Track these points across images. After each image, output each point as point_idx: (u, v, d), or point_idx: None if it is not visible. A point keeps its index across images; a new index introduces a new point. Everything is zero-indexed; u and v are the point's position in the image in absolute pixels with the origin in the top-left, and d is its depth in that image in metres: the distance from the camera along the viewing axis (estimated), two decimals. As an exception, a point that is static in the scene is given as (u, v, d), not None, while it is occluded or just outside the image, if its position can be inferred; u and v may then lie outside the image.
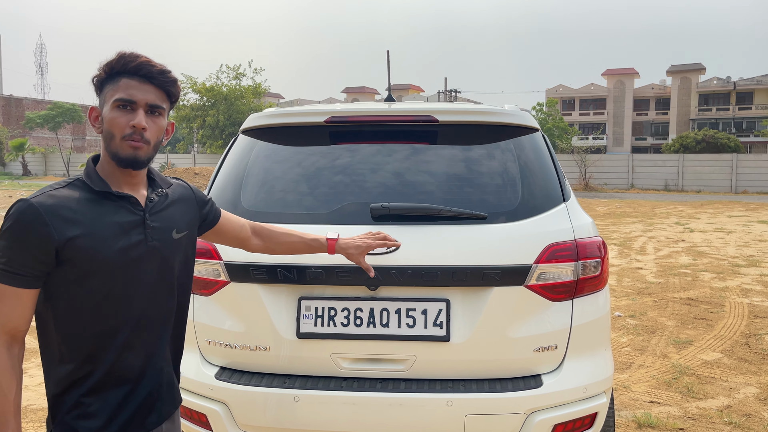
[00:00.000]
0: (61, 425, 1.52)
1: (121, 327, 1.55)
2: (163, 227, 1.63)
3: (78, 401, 1.52)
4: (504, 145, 2.49)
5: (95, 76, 1.56)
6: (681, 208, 20.93)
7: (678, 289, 7.77)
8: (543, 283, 2.24)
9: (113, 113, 1.51)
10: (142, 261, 1.56)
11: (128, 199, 1.56)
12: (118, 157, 1.53)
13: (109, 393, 1.55)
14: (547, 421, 2.19)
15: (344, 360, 2.26)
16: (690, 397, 4.26)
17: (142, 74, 1.53)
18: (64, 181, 1.56)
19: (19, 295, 1.44)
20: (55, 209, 1.45)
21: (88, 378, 1.53)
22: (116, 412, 1.55)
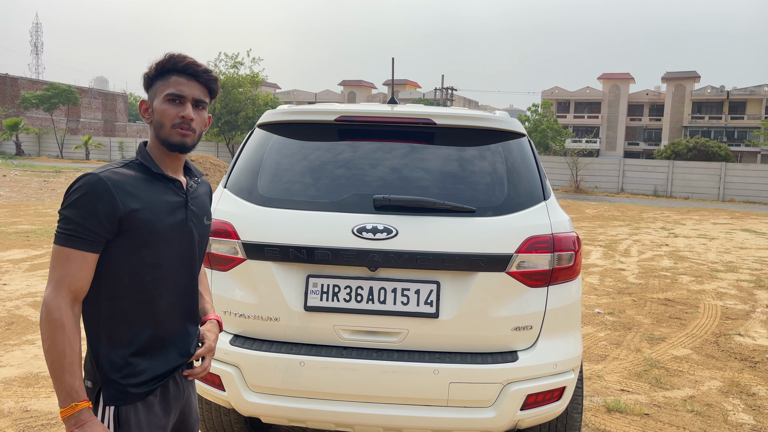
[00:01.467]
0: (110, 383, 1.67)
1: (164, 293, 1.74)
2: (199, 212, 1.85)
3: (127, 361, 1.68)
4: (493, 148, 2.79)
5: (146, 74, 1.76)
6: (668, 213, 21.35)
7: (657, 290, 8.12)
8: (522, 271, 2.55)
9: (164, 105, 1.72)
10: (182, 237, 1.78)
11: (175, 182, 1.78)
12: (168, 142, 1.73)
13: (153, 353, 1.72)
14: (520, 391, 2.51)
15: (345, 331, 2.56)
16: (658, 387, 4.60)
17: (190, 72, 1.74)
18: (122, 161, 1.75)
19: (85, 257, 1.60)
20: (120, 184, 1.64)
21: (136, 339, 1.69)
22: (159, 370, 1.73)
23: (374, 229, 2.51)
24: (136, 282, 1.69)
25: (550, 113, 44.99)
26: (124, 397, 1.67)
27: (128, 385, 1.67)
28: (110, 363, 1.67)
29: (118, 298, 1.68)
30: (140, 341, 1.70)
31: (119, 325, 1.68)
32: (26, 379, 4.29)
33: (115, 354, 1.68)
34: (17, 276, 7.43)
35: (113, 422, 1.67)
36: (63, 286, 1.58)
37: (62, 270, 1.59)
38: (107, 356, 1.67)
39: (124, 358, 1.68)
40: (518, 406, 2.52)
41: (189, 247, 1.81)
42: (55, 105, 46.11)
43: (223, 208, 2.71)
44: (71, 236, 1.59)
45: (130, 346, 1.69)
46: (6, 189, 19.08)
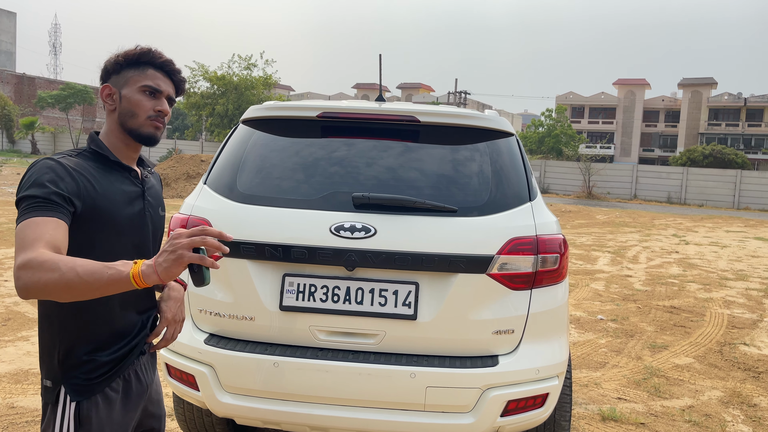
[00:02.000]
0: (71, 379, 1.64)
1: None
2: (154, 203, 1.85)
3: (85, 358, 1.65)
4: (479, 147, 2.72)
5: (113, 60, 1.73)
6: (680, 220, 21.09)
7: (663, 298, 7.99)
8: (504, 273, 2.47)
9: (139, 96, 1.71)
10: (139, 228, 1.77)
11: (130, 172, 1.77)
12: (139, 133, 1.72)
13: (112, 347, 1.70)
14: (500, 397, 2.43)
15: (321, 332, 2.50)
16: (656, 396, 4.49)
17: (166, 70, 1.77)
18: (72, 151, 1.70)
19: (57, 222, 1.49)
20: (79, 170, 1.61)
21: (93, 335, 1.66)
22: (120, 361, 1.71)
23: (352, 228, 2.45)
24: None
25: (564, 118, 44.74)
26: (86, 389, 1.65)
27: (90, 378, 1.65)
28: (70, 359, 1.65)
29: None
30: (98, 337, 1.68)
31: (75, 321, 1.65)
32: (16, 375, 4.28)
33: (75, 351, 1.65)
34: (19, 272, 7.45)
35: (74, 421, 1.64)
36: (37, 244, 1.41)
37: (33, 233, 1.43)
38: (66, 353, 1.65)
39: (83, 355, 1.65)
40: (498, 412, 2.45)
41: (144, 238, 1.80)
42: (71, 105, 46.59)
43: (201, 205, 2.66)
44: (38, 206, 1.49)
45: (89, 342, 1.66)
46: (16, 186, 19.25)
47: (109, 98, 1.74)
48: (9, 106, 44.63)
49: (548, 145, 42.23)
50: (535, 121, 45.66)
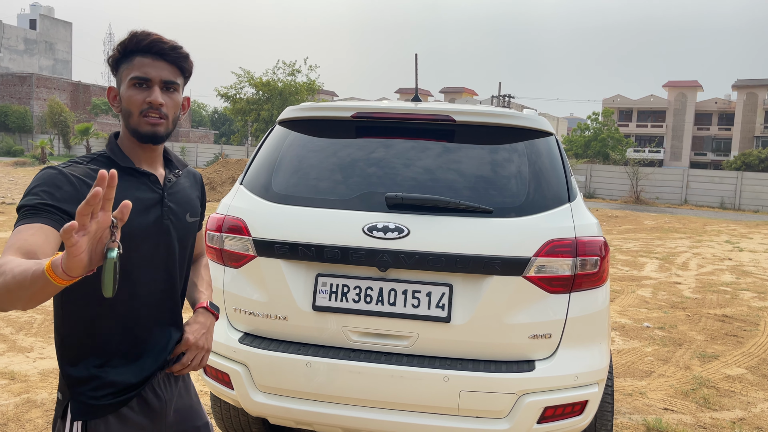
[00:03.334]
0: (77, 396, 1.55)
1: (134, 300, 1.57)
2: (179, 209, 1.67)
3: (93, 374, 1.54)
4: (516, 147, 2.66)
5: (110, 57, 1.59)
6: (734, 226, 20.31)
7: (714, 306, 7.68)
8: (541, 276, 2.41)
9: (130, 91, 1.54)
10: (155, 237, 1.60)
11: (149, 177, 1.60)
12: (138, 133, 1.56)
13: (124, 364, 1.58)
14: (537, 403, 2.36)
15: (354, 333, 2.48)
16: (705, 408, 4.31)
17: (155, 51, 1.55)
18: (88, 156, 1.59)
19: (40, 227, 1.37)
20: (82, 178, 1.48)
21: (102, 350, 1.56)
22: (131, 380, 1.59)
23: (385, 228, 2.43)
24: (97, 289, 1.38)
25: (611, 122, 43.72)
26: (92, 410, 1.54)
27: (97, 397, 1.54)
28: (76, 375, 1.55)
29: (80, 307, 1.54)
30: (107, 352, 1.57)
31: (83, 336, 1.55)
32: (63, 371, 4.40)
33: (81, 366, 1.55)
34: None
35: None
36: (6, 252, 1.31)
37: (9, 242, 1.35)
38: (73, 368, 1.56)
39: (90, 370, 1.55)
40: (535, 418, 2.38)
41: (165, 248, 1.64)
42: (123, 111, 48.04)
43: (236, 205, 2.69)
44: (26, 215, 1.39)
45: (97, 357, 1.56)
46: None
47: (115, 101, 1.62)
48: (65, 113, 46.40)
49: (594, 149, 41.33)
50: (581, 124, 44.80)
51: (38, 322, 5.51)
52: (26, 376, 4.24)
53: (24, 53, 59.35)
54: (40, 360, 4.59)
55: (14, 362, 4.51)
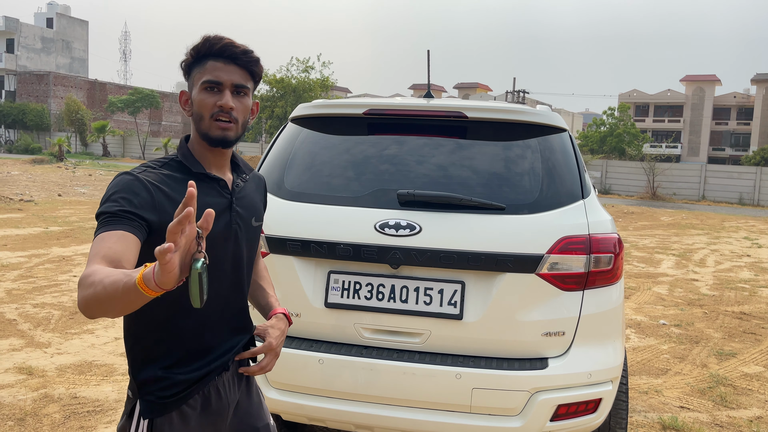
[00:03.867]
0: (146, 395, 1.57)
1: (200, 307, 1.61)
2: (245, 213, 1.67)
3: (161, 375, 1.56)
4: (529, 143, 2.64)
5: (183, 61, 1.60)
6: (753, 222, 20.04)
7: (732, 303, 7.59)
8: (554, 273, 2.39)
9: (201, 95, 1.55)
10: (224, 242, 1.60)
11: (218, 182, 1.60)
12: (208, 137, 1.56)
13: (191, 365, 1.59)
14: (550, 401, 2.35)
15: (366, 330, 2.49)
16: (722, 406, 4.26)
17: (227, 56, 1.55)
18: (161, 160, 1.59)
19: (123, 235, 1.39)
20: (157, 184, 1.49)
21: (170, 353, 1.57)
22: (197, 383, 1.60)
23: (397, 225, 2.42)
24: (170, 294, 1.42)
25: (627, 117, 43.28)
26: (159, 409, 1.57)
27: (164, 396, 1.57)
28: (146, 376, 1.58)
29: (151, 311, 1.52)
30: (177, 354, 1.59)
31: (154, 338, 1.58)
32: (80, 366, 4.46)
33: (151, 367, 1.58)
34: (87, 269, 7.79)
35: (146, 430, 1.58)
36: (93, 261, 1.34)
37: (94, 249, 1.37)
38: (143, 369, 1.58)
39: (159, 372, 1.57)
40: (548, 416, 2.36)
41: (232, 253, 1.64)
42: (139, 109, 48.58)
43: (249, 202, 2.69)
44: (107, 221, 1.42)
45: (165, 359, 1.58)
46: (90, 187, 20.20)
47: (186, 105, 1.62)
48: (82, 111, 46.91)
49: (610, 144, 40.95)
50: (596, 120, 44.41)
51: (56, 318, 5.58)
52: (44, 372, 4.30)
53: (41, 52, 60.01)
54: (57, 355, 4.65)
55: (32, 357, 4.57)
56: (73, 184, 20.92)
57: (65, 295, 6.44)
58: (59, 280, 7.06)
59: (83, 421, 3.59)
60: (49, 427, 3.50)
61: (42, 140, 48.68)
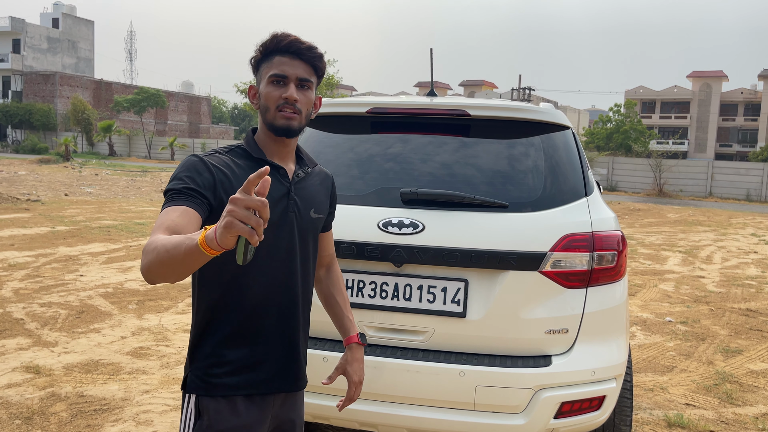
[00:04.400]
0: (195, 371, 1.64)
1: (253, 286, 1.64)
2: (304, 204, 1.73)
3: (212, 351, 1.63)
4: (532, 141, 2.64)
5: (252, 58, 1.69)
6: (760, 219, 19.95)
7: (738, 300, 7.56)
8: (557, 270, 2.39)
9: (268, 88, 1.65)
10: (279, 228, 1.66)
11: (278, 170, 1.68)
12: (273, 126, 1.65)
13: (241, 348, 1.64)
14: (553, 398, 2.35)
15: (369, 328, 2.49)
16: (728, 403, 4.25)
17: (293, 51, 1.64)
18: (227, 147, 1.70)
19: (185, 209, 1.49)
20: (219, 166, 1.60)
21: (221, 329, 1.63)
22: (246, 367, 1.65)
23: (400, 224, 2.43)
24: (225, 272, 1.62)
25: (634, 113, 43.16)
26: (206, 387, 1.63)
27: (212, 375, 1.63)
28: (199, 350, 1.65)
29: (208, 287, 1.65)
30: (226, 331, 1.64)
31: (208, 315, 1.65)
32: (87, 365, 4.49)
33: (204, 342, 1.65)
34: (94, 268, 7.84)
35: (194, 410, 1.64)
36: (156, 231, 1.44)
37: (158, 222, 1.47)
38: (197, 343, 1.66)
39: (210, 347, 1.64)
40: (552, 413, 2.37)
41: (287, 240, 1.69)
42: (144, 108, 48.73)
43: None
44: (172, 197, 1.52)
45: (216, 335, 1.64)
46: (96, 187, 20.28)
47: (255, 98, 1.71)
48: (88, 110, 47.10)
49: (617, 141, 40.83)
50: (602, 116, 44.28)
51: (63, 317, 5.62)
52: (51, 371, 4.33)
53: (47, 52, 60.26)
54: (64, 354, 4.68)
55: (39, 357, 4.60)
56: (80, 184, 21.02)
57: (72, 294, 6.48)
58: (66, 280, 7.10)
59: (90, 420, 3.61)
60: (56, 425, 3.52)
61: (48, 140, 48.93)
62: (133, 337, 5.20)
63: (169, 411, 3.78)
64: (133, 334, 5.26)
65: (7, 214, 12.24)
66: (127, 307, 6.10)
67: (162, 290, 6.86)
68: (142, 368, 4.48)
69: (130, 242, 9.88)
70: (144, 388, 4.12)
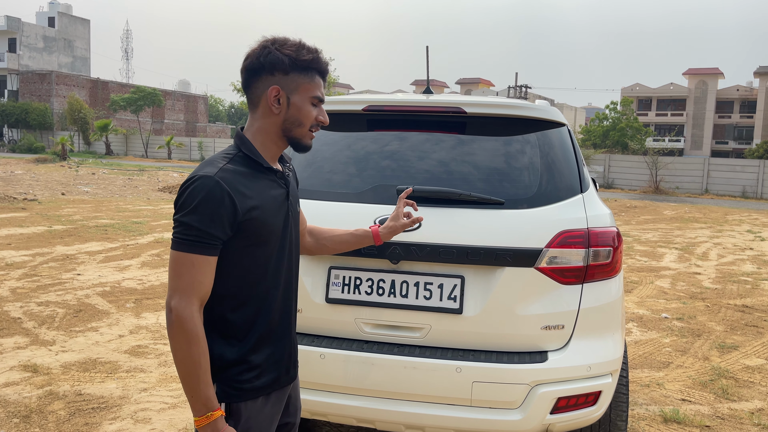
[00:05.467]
0: (225, 381, 1.64)
1: (272, 290, 1.70)
2: (294, 201, 1.80)
3: (241, 358, 1.65)
4: (528, 138, 2.65)
5: (285, 58, 1.63)
6: (756, 216, 20.01)
7: (734, 296, 7.60)
8: (553, 267, 2.40)
9: (308, 107, 1.67)
10: (285, 229, 1.72)
11: (276, 173, 1.71)
12: (300, 144, 1.71)
13: (266, 349, 1.69)
14: (550, 394, 2.36)
15: (366, 325, 2.51)
16: (724, 399, 4.28)
17: (323, 72, 1.71)
18: (226, 155, 1.65)
19: (209, 262, 1.55)
20: (235, 184, 1.57)
21: (250, 336, 1.66)
22: (271, 366, 1.71)
23: (396, 221, 2.43)
24: (249, 280, 1.66)
25: (630, 111, 43.19)
26: (238, 393, 1.65)
27: (243, 381, 1.65)
28: (224, 360, 1.64)
29: (232, 297, 1.65)
30: (254, 338, 1.67)
31: (233, 323, 1.66)
32: (84, 364, 4.49)
33: (230, 351, 1.65)
34: (91, 267, 7.84)
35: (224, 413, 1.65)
36: (192, 294, 1.53)
37: (189, 277, 1.53)
38: (221, 353, 1.64)
39: (239, 355, 1.65)
40: (548, 409, 2.38)
41: (292, 240, 1.77)
42: (141, 107, 48.60)
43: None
44: (195, 242, 1.54)
45: (244, 342, 1.66)
46: (93, 186, 20.25)
47: (276, 101, 1.66)
48: (85, 110, 46.96)
49: (613, 138, 40.89)
50: (599, 114, 44.33)
51: (60, 316, 5.62)
52: (48, 369, 4.33)
53: (43, 51, 60.07)
54: (62, 353, 4.69)
55: (37, 355, 4.61)
56: (77, 183, 20.98)
57: (69, 293, 6.48)
58: (63, 279, 7.10)
59: (88, 418, 3.62)
60: (54, 424, 3.53)
61: (45, 139, 48.81)
62: (130, 335, 5.21)
63: (167, 409, 3.79)
64: (131, 333, 5.27)
65: (4, 214, 12.22)
66: (125, 306, 6.10)
67: (160, 288, 6.87)
68: (140, 366, 4.49)
69: (127, 241, 9.88)
70: (142, 386, 4.13)
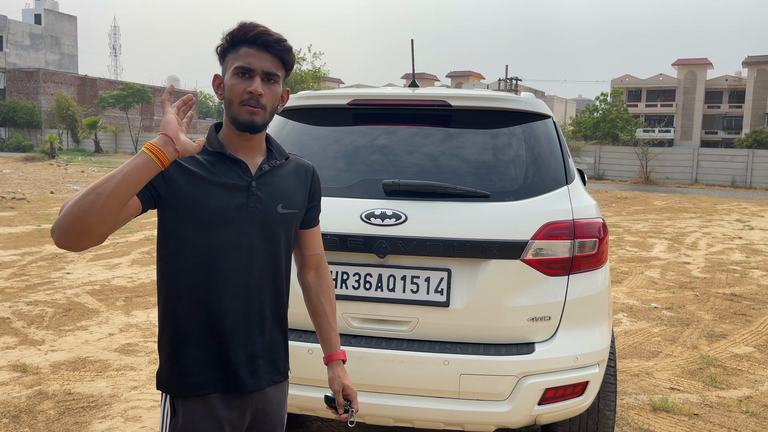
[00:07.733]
0: (164, 368, 1.63)
1: (212, 283, 1.60)
2: (269, 198, 1.65)
3: (171, 352, 1.60)
4: (513, 130, 2.66)
5: (219, 46, 1.63)
6: (745, 205, 20.15)
7: (723, 285, 7.66)
8: (539, 258, 2.41)
9: (233, 80, 1.59)
10: (237, 224, 1.60)
11: (239, 164, 1.62)
12: (236, 121, 1.60)
13: (203, 347, 1.60)
14: (537, 385, 2.38)
15: (354, 319, 2.51)
16: (712, 387, 4.31)
17: (260, 43, 1.58)
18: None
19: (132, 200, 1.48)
20: (185, 161, 1.58)
21: (178, 330, 1.60)
22: (210, 368, 1.60)
23: (383, 215, 2.44)
24: (186, 263, 1.59)
25: (620, 102, 43.30)
26: (176, 387, 1.61)
27: (177, 374, 1.60)
28: (163, 345, 1.63)
29: (173, 279, 1.61)
30: (185, 334, 1.61)
31: (167, 315, 1.63)
32: (74, 363, 4.47)
33: (166, 335, 1.62)
34: (80, 265, 7.79)
35: (170, 408, 1.63)
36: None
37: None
38: (161, 336, 1.64)
39: (169, 348, 1.62)
40: (535, 400, 2.40)
41: (257, 238, 1.64)
42: (130, 104, 48.30)
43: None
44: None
45: (177, 335, 1.61)
46: (82, 184, 20.11)
47: (219, 89, 1.66)
48: (73, 107, 46.61)
49: (603, 130, 41.01)
50: (589, 106, 44.42)
51: (49, 315, 5.59)
52: (38, 369, 4.31)
53: (30, 48, 59.50)
54: (51, 352, 4.66)
55: (26, 355, 4.58)
56: (66, 181, 20.84)
57: (58, 292, 6.44)
58: (52, 278, 7.06)
59: (78, 417, 3.61)
60: (44, 423, 3.51)
61: (33, 138, 48.42)
62: (120, 333, 5.19)
63: (157, 407, 3.78)
64: (121, 331, 5.25)
65: (-8, 213, 12.12)
66: (115, 304, 6.07)
67: (150, 287, 6.84)
68: (130, 365, 4.47)
69: (116, 239, 9.83)
70: (132, 384, 4.11)
